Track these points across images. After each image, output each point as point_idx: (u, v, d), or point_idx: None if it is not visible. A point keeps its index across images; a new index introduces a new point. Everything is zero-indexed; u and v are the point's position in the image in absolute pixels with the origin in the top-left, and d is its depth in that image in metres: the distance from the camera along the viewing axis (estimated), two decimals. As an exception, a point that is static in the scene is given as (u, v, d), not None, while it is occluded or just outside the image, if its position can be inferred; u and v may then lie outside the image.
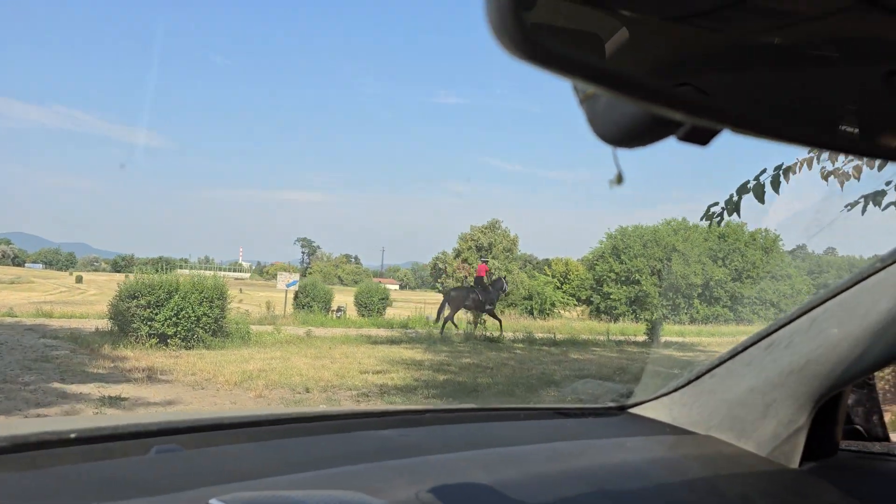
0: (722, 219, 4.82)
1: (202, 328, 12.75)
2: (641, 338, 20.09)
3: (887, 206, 5.14)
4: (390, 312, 23.82)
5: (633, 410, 1.30)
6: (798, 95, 0.43)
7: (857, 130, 0.43)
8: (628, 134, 0.39)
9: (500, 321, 18.33)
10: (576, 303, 44.09)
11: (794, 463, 1.07)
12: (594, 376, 10.64)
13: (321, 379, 9.46)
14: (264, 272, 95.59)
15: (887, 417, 1.21)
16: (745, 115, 0.38)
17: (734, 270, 47.85)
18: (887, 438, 1.15)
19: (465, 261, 45.34)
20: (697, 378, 1.20)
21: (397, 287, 73.78)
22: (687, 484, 0.96)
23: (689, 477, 0.98)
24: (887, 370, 1.14)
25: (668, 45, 0.42)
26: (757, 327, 1.24)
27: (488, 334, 17.31)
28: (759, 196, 4.72)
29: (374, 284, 27.63)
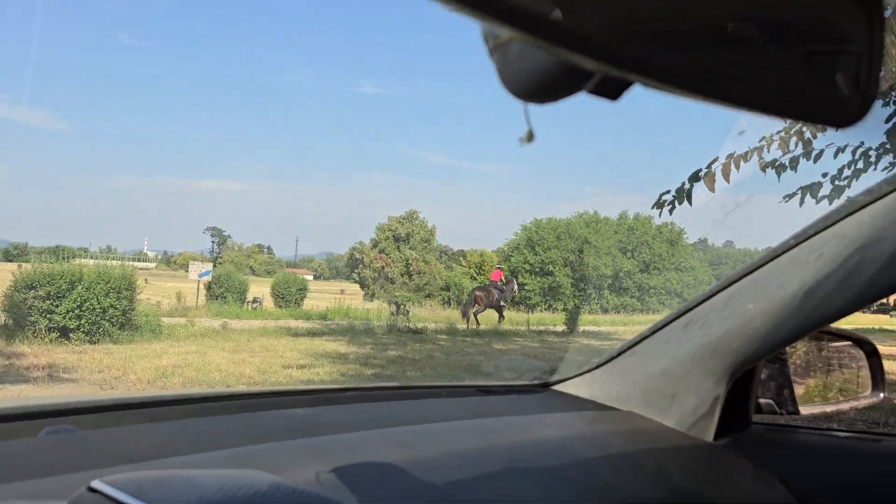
0: (673, 207, 4.79)
1: (108, 321, 12.00)
2: (560, 327, 20.43)
3: (822, 198, 5.24)
4: (308, 303, 23.30)
5: (556, 387, 1.31)
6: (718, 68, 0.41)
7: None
8: (538, 86, 0.38)
9: (503, 316, 20.48)
10: (491, 293, 44.60)
11: (710, 436, 1.10)
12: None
13: (242, 375, 9.02)
14: (171, 262, 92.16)
15: (800, 390, 1.27)
16: (662, 68, 0.37)
17: (642, 262, 49.79)
18: (797, 412, 1.21)
19: (382, 251, 45.02)
20: (619, 355, 1.23)
21: (311, 277, 72.68)
22: (605, 459, 0.96)
23: (607, 452, 0.99)
24: (800, 345, 1.16)
25: None
26: (663, 316, 1.28)
27: (411, 326, 17.13)
28: (710, 184, 4.74)
29: (291, 275, 27.01)
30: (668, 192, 4.81)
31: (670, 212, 4.85)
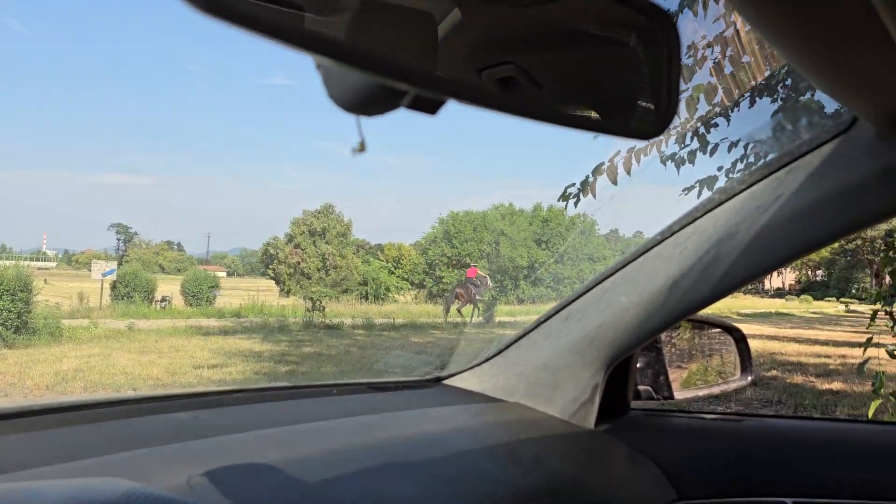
0: (578, 199, 4.91)
1: (2, 324, 11.35)
2: (477, 318, 20.66)
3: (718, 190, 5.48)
4: (220, 301, 22.67)
5: (447, 382, 1.35)
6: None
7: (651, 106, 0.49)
8: (361, 101, 0.40)
9: (478, 310, 22.13)
10: (409, 287, 44.67)
11: (591, 423, 1.15)
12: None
13: (150, 377, 8.70)
14: (73, 261, 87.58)
15: (678, 376, 1.36)
16: (463, 88, 0.42)
17: (556, 253, 50.92)
18: (672, 397, 1.28)
19: (297, 246, 44.26)
20: (506, 349, 1.28)
21: (224, 274, 70.69)
22: (486, 450, 0.99)
23: (489, 443, 1.02)
24: (676, 334, 1.27)
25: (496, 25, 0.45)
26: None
27: (328, 321, 16.95)
28: (612, 177, 4.87)
29: (201, 272, 26.21)
30: (574, 184, 4.94)
31: (575, 204, 4.98)
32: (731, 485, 1.15)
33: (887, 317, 4.95)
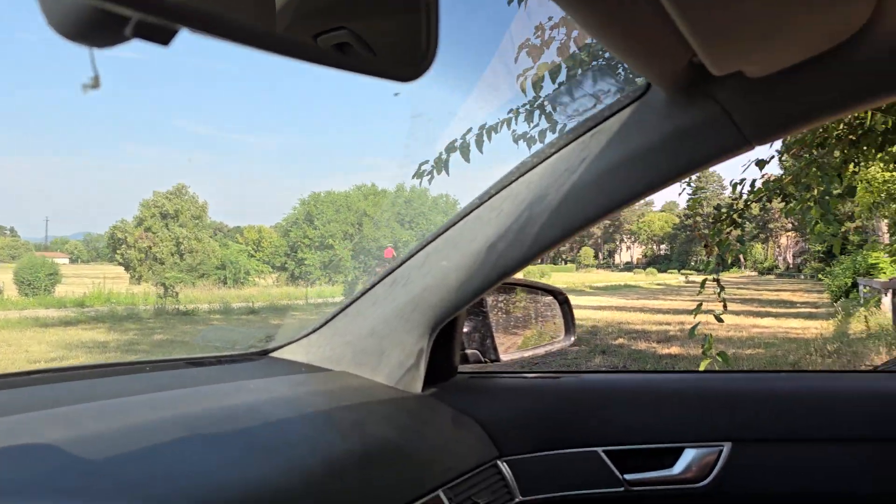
0: (432, 177, 4.94)
1: None
2: (339, 298, 20.52)
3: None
4: (61, 290, 21.04)
5: (274, 354, 1.33)
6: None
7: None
8: (81, 26, 0.36)
9: None
10: (271, 270, 43.57)
11: (417, 389, 1.16)
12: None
13: (-25, 374, 7.91)
14: None
15: (507, 339, 1.40)
16: (198, 15, 0.37)
17: (419, 233, 51.46)
18: (498, 359, 1.31)
19: (148, 230, 41.85)
20: (333, 318, 1.27)
21: (67, 261, 65.58)
22: (304, 418, 0.98)
23: (307, 411, 1.01)
24: (504, 297, 1.32)
25: None
26: None
27: (181, 307, 16.18)
28: (465, 154, 4.94)
29: (38, 259, 24.16)
30: (427, 162, 4.96)
31: (429, 181, 5.01)
32: (549, 439, 1.20)
33: (714, 283, 5.40)
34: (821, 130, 5.83)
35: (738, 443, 1.15)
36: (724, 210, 5.99)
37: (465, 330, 1.29)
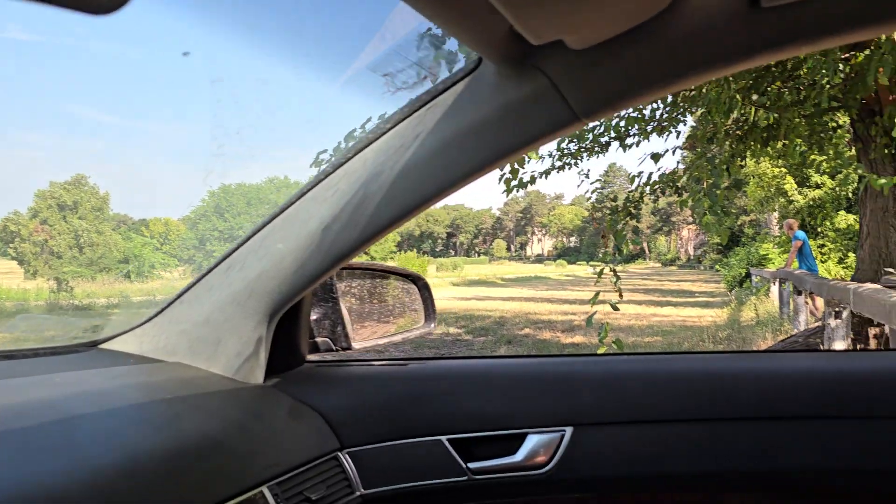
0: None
1: None
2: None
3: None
4: (-58, 286, 19.61)
5: (104, 346, 1.24)
6: None
7: None
8: None
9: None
10: (178, 263, 42.12)
11: (259, 379, 1.11)
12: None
13: None
14: None
15: (362, 325, 1.36)
16: None
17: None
18: (350, 347, 1.26)
19: (44, 222, 39.61)
20: (168, 307, 1.20)
21: (-49, 256, 61.22)
22: (113, 412, 0.89)
23: (120, 405, 0.92)
24: (360, 282, 1.26)
25: None
26: None
27: (77, 303, 15.39)
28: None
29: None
30: (325, 150, 4.87)
31: (328, 170, 4.92)
32: (395, 428, 1.15)
33: (611, 273, 5.54)
34: (710, 126, 6.08)
35: (578, 427, 1.15)
36: (620, 202, 6.16)
37: (314, 317, 1.23)
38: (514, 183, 6.00)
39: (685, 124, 7.37)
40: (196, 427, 0.91)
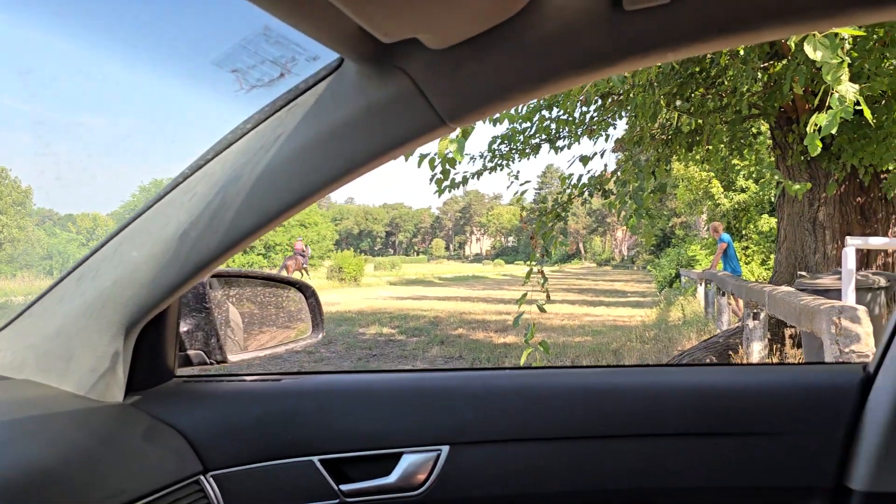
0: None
1: None
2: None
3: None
4: None
5: None
6: None
7: None
8: None
9: (308, 275, 26.21)
10: (105, 260, 40.75)
11: (117, 396, 1.03)
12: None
13: None
14: None
15: (242, 337, 1.27)
16: None
17: (292, 224, 50.14)
18: (225, 360, 1.19)
19: (-46, 215, 37.71)
20: (16, 319, 1.10)
21: None
22: None
23: None
24: (241, 292, 1.19)
25: None
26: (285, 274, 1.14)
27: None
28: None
29: None
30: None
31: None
32: (264, 448, 1.08)
33: (539, 274, 5.56)
34: (638, 130, 6.18)
35: (455, 445, 1.10)
36: (548, 204, 6.20)
37: (185, 328, 1.14)
38: (445, 184, 5.96)
39: (615, 128, 7.49)
40: (24, 454, 0.81)
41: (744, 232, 16.61)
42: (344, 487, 1.08)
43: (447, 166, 5.63)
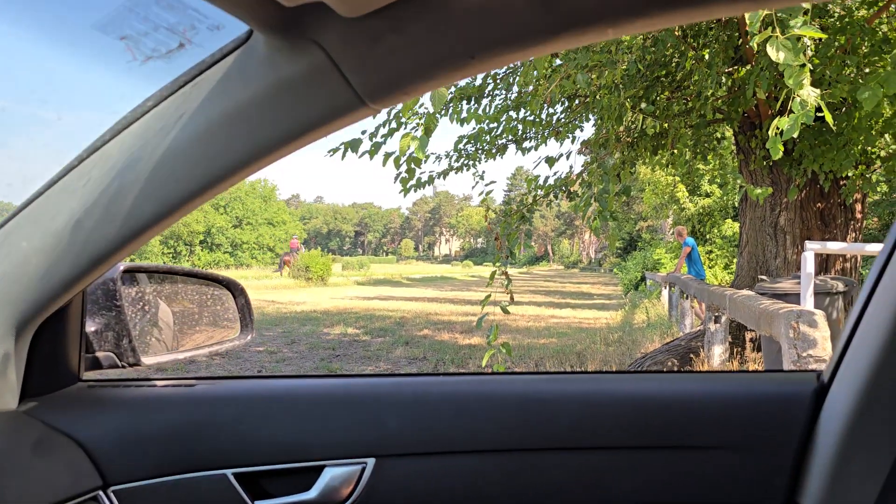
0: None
1: None
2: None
3: (363, 153, 5.60)
4: None
5: None
6: None
7: None
8: None
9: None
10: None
11: (10, 403, 0.94)
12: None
13: None
14: None
15: (160, 338, 1.19)
16: None
17: (235, 218, 49.47)
18: (139, 363, 1.08)
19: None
20: None
21: None
22: None
23: None
24: (163, 289, 1.09)
25: None
26: (255, 272, 1.04)
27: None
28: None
29: None
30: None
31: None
32: (173, 460, 0.99)
33: (504, 276, 5.50)
34: (604, 132, 6.17)
35: (382, 458, 1.02)
36: (513, 205, 6.16)
37: (93, 328, 1.05)
38: (411, 183, 5.88)
39: (582, 130, 7.48)
40: None
41: (708, 236, 16.80)
42: (259, 503, 1.00)
43: (412, 165, 5.55)
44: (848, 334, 1.01)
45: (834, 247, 5.23)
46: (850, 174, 5.79)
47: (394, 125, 5.69)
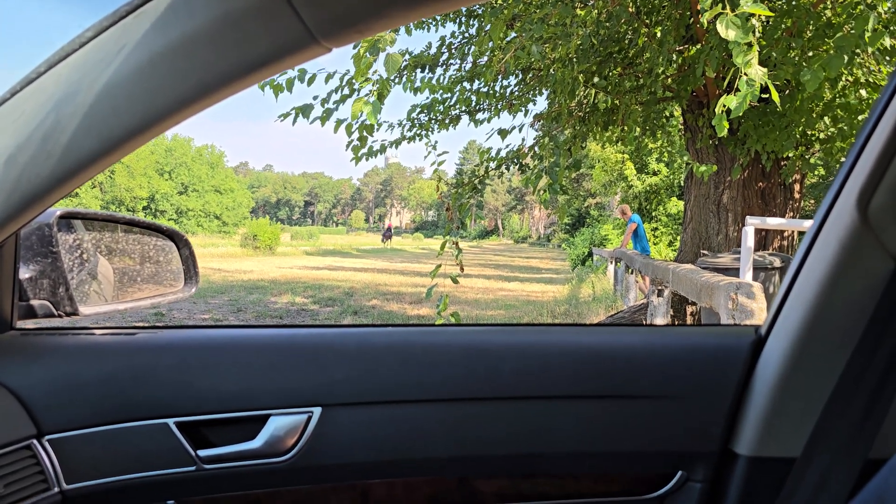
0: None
1: None
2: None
3: (314, 119, 5.52)
4: None
5: None
6: None
7: None
8: None
9: None
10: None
11: None
12: None
13: None
14: None
15: (98, 287, 1.14)
16: None
17: (181, 184, 48.28)
18: (76, 312, 1.05)
19: None
20: None
21: None
22: None
23: None
24: (103, 237, 1.05)
25: None
26: (201, 239, 1.00)
27: None
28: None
29: None
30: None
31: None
32: (113, 409, 0.97)
33: (454, 246, 5.52)
34: (556, 106, 6.20)
35: (328, 407, 1.02)
36: (465, 176, 6.16)
37: (27, 275, 1.00)
38: (362, 151, 5.81)
39: (535, 104, 7.50)
40: None
41: (654, 214, 17.14)
42: (202, 453, 0.99)
43: (364, 133, 5.49)
44: (785, 291, 1.05)
45: (773, 222, 5.39)
46: (790, 155, 5.97)
47: (346, 91, 5.62)
